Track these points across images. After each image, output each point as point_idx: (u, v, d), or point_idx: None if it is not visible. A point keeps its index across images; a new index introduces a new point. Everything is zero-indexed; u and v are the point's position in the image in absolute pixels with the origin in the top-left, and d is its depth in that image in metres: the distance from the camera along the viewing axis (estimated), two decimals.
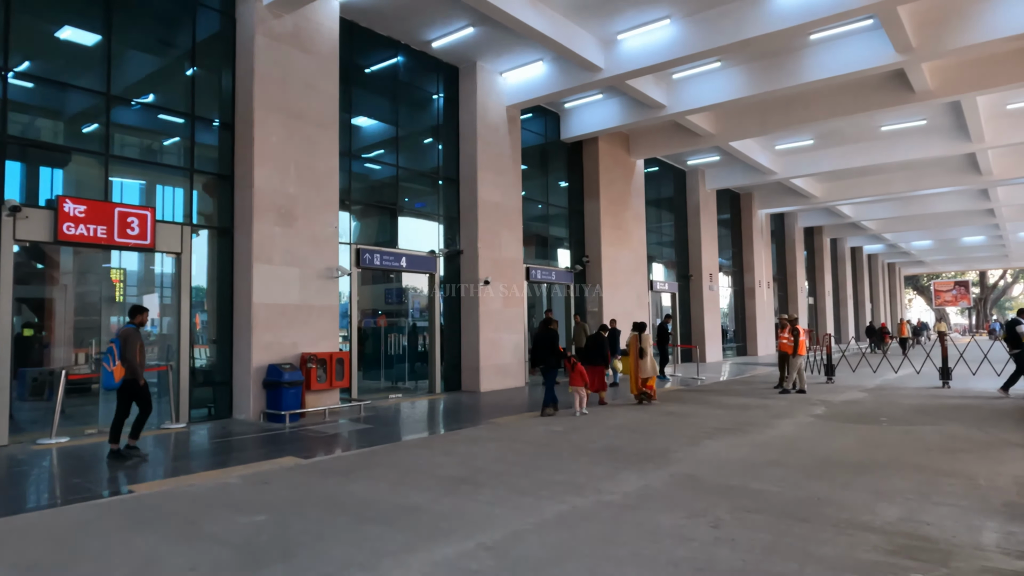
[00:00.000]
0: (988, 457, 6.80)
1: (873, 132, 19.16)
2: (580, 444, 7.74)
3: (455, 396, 12.93)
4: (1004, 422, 9.10)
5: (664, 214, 22.78)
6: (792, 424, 9.09)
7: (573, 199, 17.87)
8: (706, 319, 22.90)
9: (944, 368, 13.86)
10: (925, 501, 5.13)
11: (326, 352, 10.28)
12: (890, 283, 54.42)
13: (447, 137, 14.10)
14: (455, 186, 14.04)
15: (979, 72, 13.72)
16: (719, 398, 12.33)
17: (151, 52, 10.10)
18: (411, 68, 13.46)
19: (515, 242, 14.65)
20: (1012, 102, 16.46)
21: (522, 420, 9.75)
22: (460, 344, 13.81)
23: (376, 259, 12.03)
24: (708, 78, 14.64)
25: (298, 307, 10.15)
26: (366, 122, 13.03)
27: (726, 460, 6.76)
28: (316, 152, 10.53)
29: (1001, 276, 67.20)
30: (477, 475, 6.18)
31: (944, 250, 46.82)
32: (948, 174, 22.85)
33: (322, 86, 10.68)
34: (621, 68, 12.85)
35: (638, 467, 6.44)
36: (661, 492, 5.50)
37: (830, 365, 15.44)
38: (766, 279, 28.41)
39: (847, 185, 25.35)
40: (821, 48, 13.28)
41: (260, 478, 6.21)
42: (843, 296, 39.51)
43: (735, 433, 8.38)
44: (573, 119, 16.87)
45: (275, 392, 9.43)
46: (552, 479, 5.97)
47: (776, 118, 16.52)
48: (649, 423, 9.35)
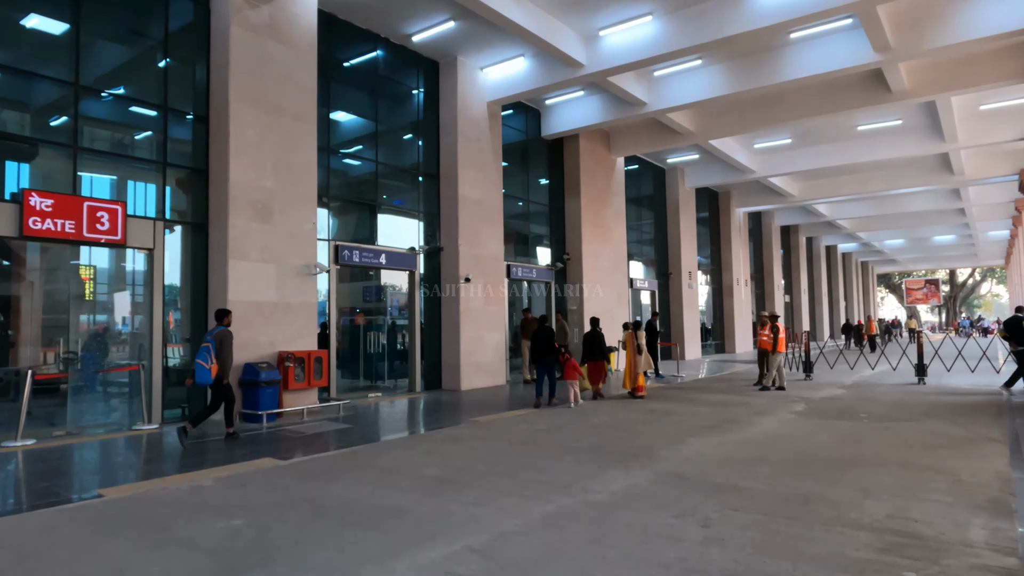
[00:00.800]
0: (969, 453, 6.85)
1: (850, 132, 19.36)
2: (564, 443, 7.66)
3: (435, 395, 12.78)
4: (981, 418, 9.20)
5: (644, 212, 22.83)
6: (774, 421, 9.10)
7: (554, 196, 17.79)
8: (685, 317, 23.00)
9: (920, 365, 14.04)
10: (911, 498, 5.12)
11: (304, 350, 10.07)
12: (863, 281, 55.26)
13: (427, 133, 13.93)
14: (435, 182, 13.87)
15: (954, 73, 13.90)
16: (701, 395, 12.34)
17: (122, 42, 9.80)
18: (391, 62, 13.26)
19: (496, 239, 14.53)
20: (986, 103, 16.72)
21: (504, 418, 9.65)
22: (440, 342, 13.66)
23: (355, 256, 11.83)
24: (689, 76, 14.66)
25: (275, 305, 9.93)
26: (345, 117, 12.81)
27: (711, 458, 6.72)
28: (294, 146, 10.30)
29: (970, 275, 68.69)
30: (460, 475, 6.06)
31: (916, 249, 47.67)
32: (922, 174, 23.20)
33: (300, 79, 10.45)
34: (603, 64, 12.79)
35: (623, 466, 6.37)
36: (648, 491, 5.43)
37: (808, 362, 15.57)
38: (744, 277, 28.64)
39: (823, 184, 25.63)
40: (801, 47, 13.35)
41: (236, 480, 6.02)
42: (818, 294, 40.01)
43: (718, 431, 8.36)
44: (554, 116, 16.79)
45: (252, 391, 9.21)
46: (537, 478, 5.87)
47: (755, 116, 16.60)
48: (632, 421, 9.31)
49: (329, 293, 11.44)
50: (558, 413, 10.18)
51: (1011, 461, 6.43)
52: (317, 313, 10.63)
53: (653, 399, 11.83)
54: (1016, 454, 6.77)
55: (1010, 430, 8.16)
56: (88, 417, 9.29)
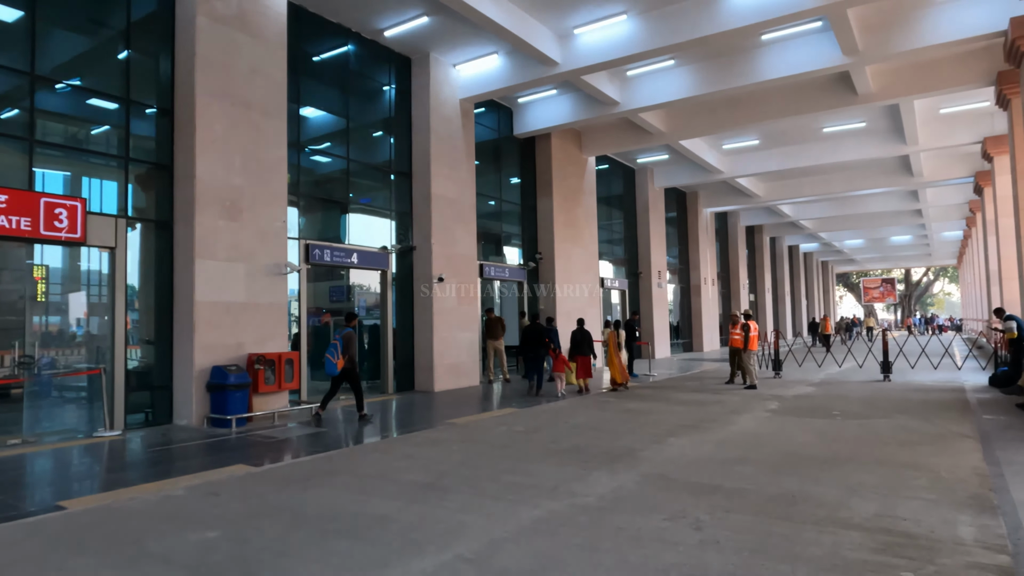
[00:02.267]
0: (943, 449, 6.96)
1: (816, 133, 19.72)
2: (544, 444, 7.56)
3: (409, 396, 12.58)
4: (949, 414, 9.40)
5: (614, 212, 22.91)
6: (751, 420, 9.15)
7: (526, 196, 17.71)
8: (655, 316, 23.16)
9: (885, 362, 14.34)
10: (895, 495, 5.15)
11: (274, 352, 9.78)
12: (823, 280, 56.59)
13: (399, 130, 13.70)
14: (408, 180, 13.65)
15: (918, 76, 14.23)
16: (675, 394, 12.39)
17: (81, 31, 9.36)
18: (362, 58, 13.00)
19: (469, 238, 14.38)
20: (946, 107, 17.18)
21: (481, 420, 9.52)
22: (413, 343, 13.45)
23: (326, 255, 11.56)
24: (662, 76, 14.72)
25: (244, 305, 9.61)
26: (315, 113, 12.50)
27: (693, 458, 6.69)
28: (263, 142, 10.00)
29: (924, 274, 70.88)
30: (443, 480, 5.91)
31: (874, 249, 49.01)
32: (883, 175, 23.79)
33: (269, 72, 10.15)
34: (577, 63, 12.75)
35: (607, 467, 6.29)
36: (635, 493, 5.36)
37: (778, 360, 15.78)
38: (711, 276, 29.00)
39: (788, 185, 26.11)
40: (772, 49, 13.50)
41: (209, 489, 5.77)
42: (781, 293, 40.79)
43: (697, 430, 8.36)
44: (526, 114, 16.71)
45: (220, 395, 8.89)
46: (522, 482, 5.76)
47: (725, 117, 16.77)
48: (610, 421, 9.26)
49: (300, 293, 11.14)
50: (536, 414, 10.08)
51: (984, 457, 6.55)
52: (287, 314, 10.34)
53: (629, 398, 11.83)
54: (988, 450, 6.90)
55: (978, 426, 8.34)
56: (46, 424, 8.85)
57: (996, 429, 8.14)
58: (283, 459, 7.12)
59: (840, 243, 45.04)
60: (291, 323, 11.15)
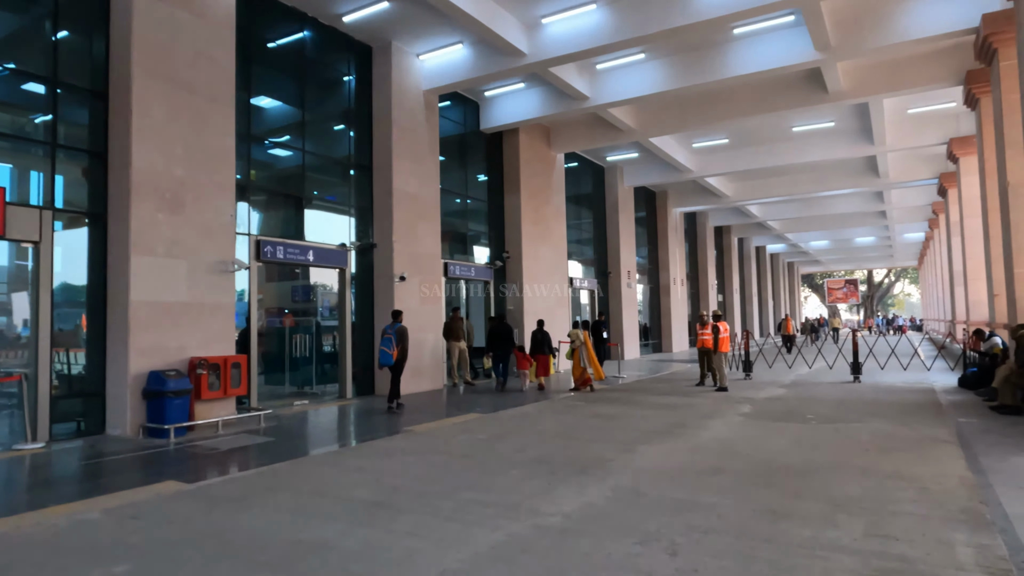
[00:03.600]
0: (925, 456, 6.64)
1: (785, 133, 19.60)
2: (507, 454, 7.07)
3: (368, 401, 11.96)
4: (923, 416, 9.16)
5: (583, 211, 22.54)
6: (723, 425, 8.78)
7: (493, 193, 17.20)
8: (624, 317, 22.84)
9: (855, 363, 14.18)
10: (883, 510, 4.77)
11: (220, 356, 9.11)
12: (789, 281, 57.25)
13: (360, 122, 13.07)
14: (368, 175, 13.03)
15: (888, 75, 14.11)
16: (645, 397, 12.00)
17: (4, 6, 8.56)
18: (319, 45, 12.35)
19: (433, 235, 13.81)
20: (914, 107, 17.17)
21: (442, 427, 8.98)
22: (374, 345, 12.82)
23: (279, 252, 10.89)
24: (632, 70, 14.34)
25: (186, 305, 8.92)
26: (269, 103, 11.83)
27: (666, 468, 6.26)
28: (208, 130, 9.31)
29: (886, 275, 72.32)
30: (394, 497, 5.37)
31: (838, 250, 49.65)
32: (849, 176, 23.86)
33: (216, 56, 9.47)
34: (545, 54, 12.29)
35: (575, 480, 5.82)
36: (605, 511, 4.89)
37: (748, 361, 15.54)
38: (680, 277, 28.85)
39: (756, 185, 26.06)
40: (743, 44, 13.22)
41: (129, 511, 5.13)
42: (749, 293, 40.98)
43: (669, 436, 7.95)
44: (493, 108, 16.20)
45: (157, 403, 8.20)
46: (481, 499, 5.25)
47: (695, 115, 16.50)
48: (578, 427, 8.81)
49: (250, 293, 10.47)
50: (501, 419, 9.59)
51: (968, 464, 6.25)
52: (236, 315, 9.66)
53: (598, 402, 11.40)
54: (970, 456, 6.61)
55: (956, 430, 8.08)
56: None
57: (974, 433, 7.89)
58: (221, 474, 6.49)
59: (806, 244, 45.49)
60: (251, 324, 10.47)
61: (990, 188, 12.99)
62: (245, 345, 10.38)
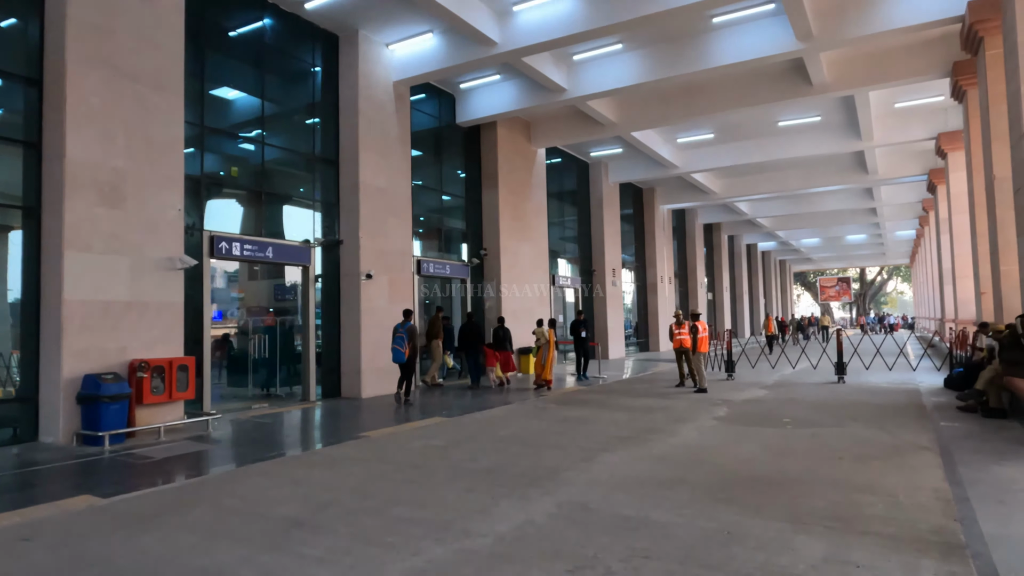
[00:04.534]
0: (901, 465, 6.22)
1: (771, 128, 19.18)
2: (459, 463, 6.62)
3: (333, 404, 11.50)
4: (903, 420, 8.75)
5: (567, 207, 22.10)
6: (695, 430, 8.35)
7: (471, 188, 16.74)
8: (609, 315, 22.41)
9: (840, 363, 13.77)
10: (848, 530, 4.34)
11: (165, 358, 8.63)
12: (781, 279, 56.92)
13: (325, 114, 12.58)
14: (334, 168, 12.55)
15: (873, 66, 13.70)
16: (620, 399, 11.57)
17: None
18: (281, 33, 11.86)
19: (403, 231, 13.33)
20: (900, 101, 16.78)
21: (400, 432, 8.52)
22: (340, 345, 12.36)
23: (236, 249, 10.41)
24: (610, 61, 13.90)
25: (128, 304, 8.43)
26: (226, 93, 11.34)
27: (624, 479, 5.82)
28: (154, 119, 8.83)
29: (878, 273, 72.12)
30: (320, 514, 4.91)
31: (830, 248, 49.36)
32: (838, 172, 23.48)
33: (162, 42, 8.98)
34: (516, 43, 11.83)
35: (522, 493, 5.38)
36: (543, 531, 4.45)
37: (730, 361, 15.13)
38: (668, 275, 28.44)
39: (744, 182, 25.66)
40: (723, 33, 12.79)
41: (25, 531, 4.67)
42: (739, 291, 40.62)
43: (635, 443, 7.51)
44: (470, 101, 15.73)
45: (92, 408, 7.71)
46: (413, 516, 4.80)
47: (678, 108, 16.06)
48: (543, 432, 8.36)
49: (203, 291, 9.98)
50: (464, 424, 9.14)
51: (946, 474, 5.83)
52: (184, 314, 9.17)
53: (570, 404, 10.97)
54: (949, 465, 6.19)
55: (936, 435, 7.67)
56: None
57: (956, 439, 7.48)
58: (144, 487, 6.01)
59: (797, 242, 45.14)
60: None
61: (977, 184, 12.61)
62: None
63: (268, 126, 11.65)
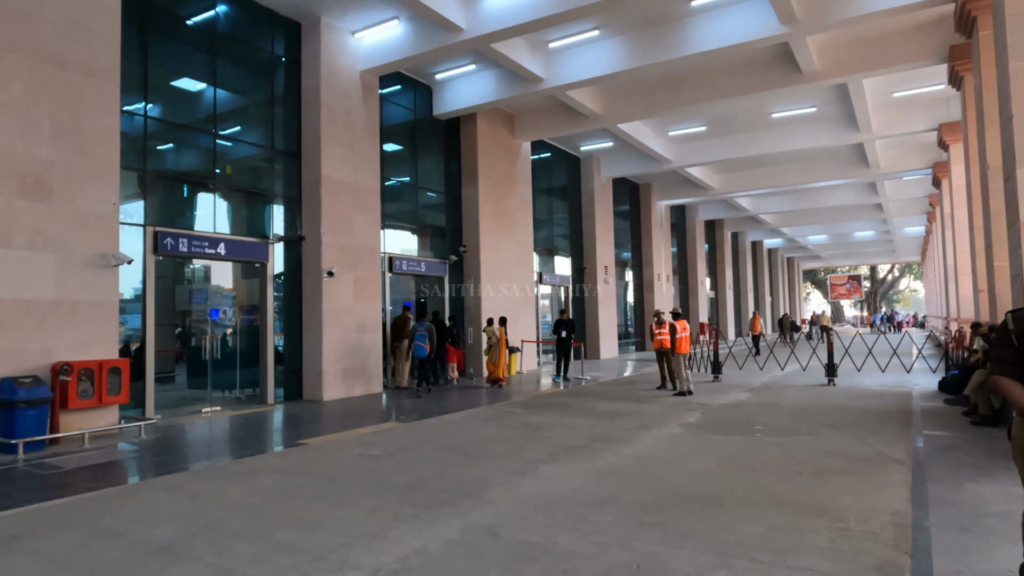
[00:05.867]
0: (864, 481, 5.61)
1: (764, 120, 18.49)
2: (384, 476, 6.08)
3: (291, 407, 11.01)
4: (886, 429, 8.11)
5: (557, 203, 21.50)
6: (654, 439, 7.76)
7: (450, 183, 16.20)
8: (601, 314, 21.80)
9: (830, 365, 13.11)
10: (778, 563, 3.76)
11: (95, 360, 8.16)
12: (789, 277, 55.94)
13: (287, 105, 12.09)
14: (296, 162, 12.05)
15: (865, 52, 13.01)
16: (592, 403, 10.99)
17: None
18: (238, 20, 11.37)
19: (371, 227, 12.81)
20: (899, 90, 16.04)
21: (343, 440, 8.00)
22: (301, 345, 11.87)
23: (182, 245, 9.93)
24: (587, 49, 13.30)
25: (53, 304, 7.97)
26: (178, 81, 10.85)
27: (551, 497, 5.26)
28: (84, 108, 8.35)
29: (889, 270, 70.80)
30: (196, 538, 4.40)
31: (838, 245, 48.33)
32: (839, 167, 22.70)
33: (94, 26, 8.50)
34: (484, 28, 11.26)
35: (430, 514, 4.84)
36: (429, 562, 3.90)
37: (716, 362, 14.49)
38: (666, 272, 27.76)
39: (743, 177, 24.93)
40: (704, 18, 12.15)
41: None
42: (744, 289, 39.81)
43: (584, 454, 6.94)
44: (446, 93, 15.18)
45: (7, 414, 7.24)
46: (295, 542, 4.27)
47: (663, 98, 15.42)
48: (492, 441, 7.81)
49: (145, 289, 9.51)
50: (415, 429, 8.61)
51: (911, 493, 5.21)
52: (118, 313, 8.70)
53: (537, 409, 10.41)
54: (918, 482, 5.57)
55: (915, 446, 7.04)
56: None
57: (935, 450, 6.85)
58: (35, 500, 5.51)
59: (803, 239, 44.14)
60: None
61: (974, 175, 11.90)
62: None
63: (224, 117, 11.18)
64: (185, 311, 12.14)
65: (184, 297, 12.19)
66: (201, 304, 12.07)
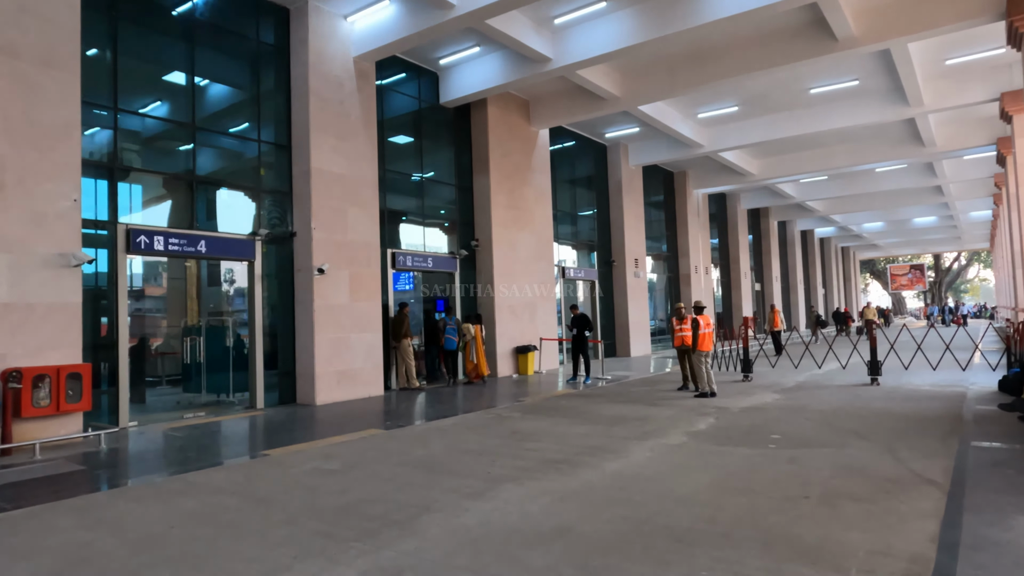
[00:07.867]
0: (884, 510, 4.58)
1: (802, 96, 17.08)
2: (320, 497, 5.36)
3: (279, 412, 10.45)
4: (925, 440, 6.95)
5: (582, 193, 20.52)
6: (647, 452, 6.81)
7: (461, 174, 15.45)
8: (631, 309, 20.71)
9: (873, 362, 11.80)
10: None
11: (52, 366, 7.73)
12: (844, 268, 53.18)
13: (276, 95, 11.54)
14: (286, 154, 11.50)
15: (907, 12, 11.63)
16: (599, 407, 10.07)
17: None
18: (220, 6, 10.86)
19: (368, 222, 12.16)
20: (951, 56, 14.45)
21: (307, 450, 7.33)
22: (294, 347, 11.32)
23: (159, 243, 9.45)
24: (596, 24, 12.32)
25: (8, 306, 7.56)
26: (153, 71, 10.39)
27: (493, 529, 4.43)
28: (40, 100, 7.93)
29: (955, 259, 66.70)
30: None
31: (896, 232, 45.53)
32: (890, 146, 20.98)
33: (50, 14, 8.06)
34: (477, 2, 10.44)
35: (339, 549, 4.08)
36: None
37: (747, 360, 13.30)
38: (704, 264, 26.39)
39: (784, 161, 23.38)
40: None
41: None
42: (793, 282, 37.84)
43: (561, 469, 6.07)
44: (452, 79, 14.43)
45: None
46: None
47: (686, 75, 14.28)
48: (467, 452, 7.01)
49: (118, 289, 9.07)
50: (391, 439, 7.89)
51: (942, 529, 4.17)
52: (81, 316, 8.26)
53: (538, 413, 9.56)
54: (954, 511, 4.51)
55: (957, 463, 5.90)
56: None
57: (982, 467, 5.72)
58: None
59: (857, 227, 41.64)
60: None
61: None
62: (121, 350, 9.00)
63: (204, 108, 10.69)
64: (177, 312, 11.75)
65: (177, 297, 11.80)
66: (194, 304, 11.67)
